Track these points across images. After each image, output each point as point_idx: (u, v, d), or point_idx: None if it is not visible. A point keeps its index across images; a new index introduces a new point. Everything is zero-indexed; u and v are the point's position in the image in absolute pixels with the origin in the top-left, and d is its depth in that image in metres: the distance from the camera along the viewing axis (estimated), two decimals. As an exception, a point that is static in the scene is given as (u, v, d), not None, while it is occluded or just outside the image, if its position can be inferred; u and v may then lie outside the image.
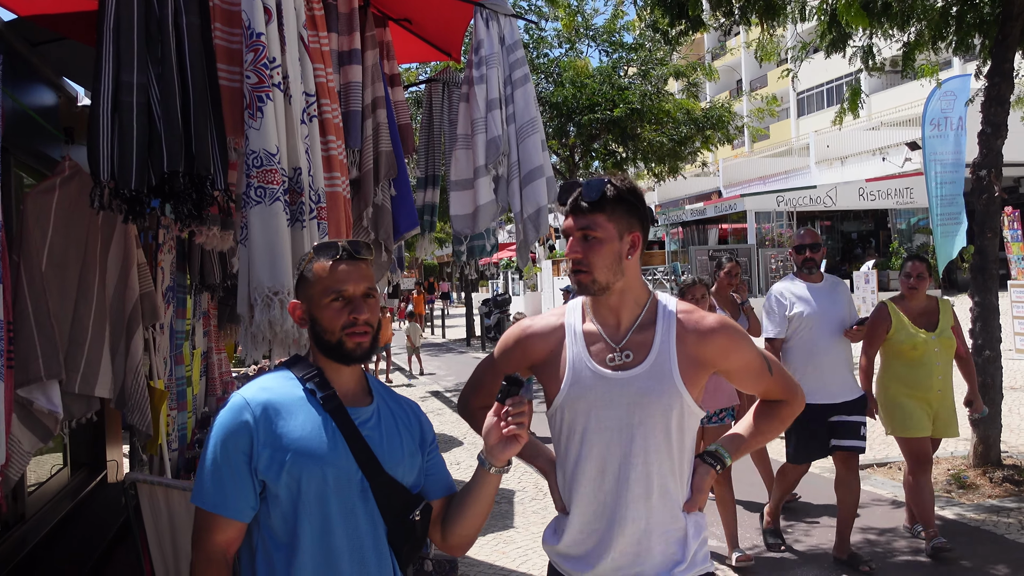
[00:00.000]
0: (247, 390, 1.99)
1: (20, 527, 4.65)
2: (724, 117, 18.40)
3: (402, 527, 2.02)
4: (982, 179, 7.35)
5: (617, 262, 2.14)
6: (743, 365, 2.23)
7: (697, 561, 2.18)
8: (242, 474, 1.90)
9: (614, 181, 2.15)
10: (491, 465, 2.02)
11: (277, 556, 1.92)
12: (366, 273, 2.05)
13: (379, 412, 2.08)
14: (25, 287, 3.15)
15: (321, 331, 2.01)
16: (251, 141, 2.71)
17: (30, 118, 4.50)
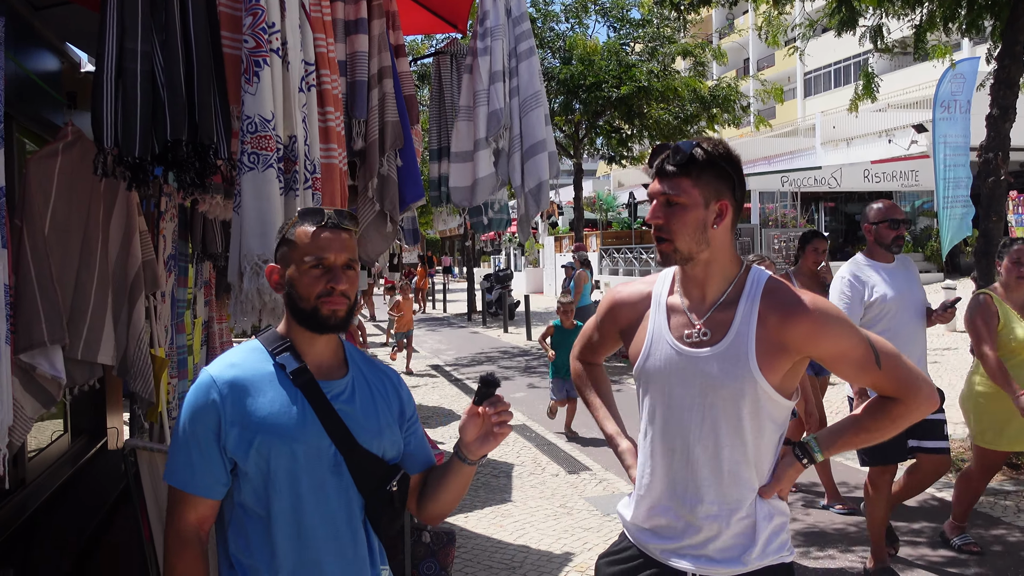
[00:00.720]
0: (214, 366, 1.96)
1: (20, 492, 4.67)
2: (730, 96, 18.29)
3: (379, 499, 2.01)
4: (989, 162, 7.32)
5: (701, 231, 2.02)
6: (838, 353, 2.03)
7: (770, 550, 2.08)
8: (211, 452, 1.89)
9: (704, 144, 2.02)
10: (467, 458, 2.02)
11: (252, 529, 1.92)
12: (348, 244, 2.00)
13: (354, 384, 2.04)
14: (28, 251, 3.14)
15: (297, 298, 1.97)
16: (246, 106, 2.69)
17: (33, 83, 4.47)
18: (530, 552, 5.51)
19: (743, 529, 2.07)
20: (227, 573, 1.96)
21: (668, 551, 2.13)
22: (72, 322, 3.41)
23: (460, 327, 22.55)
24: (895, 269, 4.88)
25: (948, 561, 5.08)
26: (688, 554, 2.10)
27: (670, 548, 2.12)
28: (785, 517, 2.14)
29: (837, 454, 2.17)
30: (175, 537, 1.91)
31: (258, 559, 1.91)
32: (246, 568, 1.92)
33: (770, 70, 36.72)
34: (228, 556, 1.95)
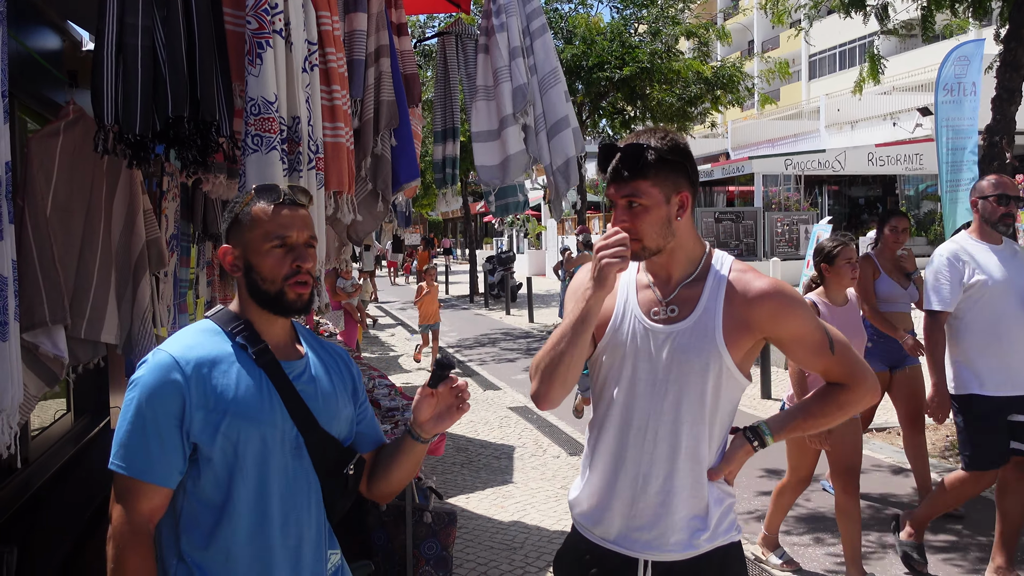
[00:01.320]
0: (172, 346, 1.85)
1: (23, 471, 4.69)
2: (735, 77, 18.19)
3: (335, 482, 1.97)
4: (994, 145, 7.28)
5: (667, 226, 2.06)
6: (796, 336, 2.09)
7: (720, 531, 2.11)
8: (171, 438, 1.77)
9: (653, 143, 2.04)
10: (419, 437, 1.99)
11: (205, 517, 1.82)
12: (308, 220, 1.93)
13: (310, 364, 1.98)
14: (30, 232, 3.14)
15: (259, 279, 1.88)
16: (250, 88, 2.68)
17: (34, 61, 4.45)
18: (531, 533, 5.53)
19: (695, 512, 2.08)
20: (176, 567, 1.84)
21: (621, 537, 2.12)
22: (75, 301, 3.41)
23: (462, 309, 22.56)
24: (1003, 251, 4.37)
25: (948, 546, 5.09)
26: (639, 539, 2.09)
27: (623, 533, 2.11)
28: (733, 499, 2.17)
29: (786, 438, 2.21)
30: (125, 533, 1.78)
31: (214, 551, 1.81)
32: (198, 561, 1.82)
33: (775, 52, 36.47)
34: (178, 551, 1.84)
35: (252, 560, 1.83)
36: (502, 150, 4.39)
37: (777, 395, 9.57)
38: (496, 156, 4.43)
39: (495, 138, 4.41)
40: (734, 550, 2.16)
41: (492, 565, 5.01)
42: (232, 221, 1.94)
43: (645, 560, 2.09)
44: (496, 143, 4.41)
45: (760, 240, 22.49)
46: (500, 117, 4.37)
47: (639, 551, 2.09)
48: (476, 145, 4.40)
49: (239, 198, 1.97)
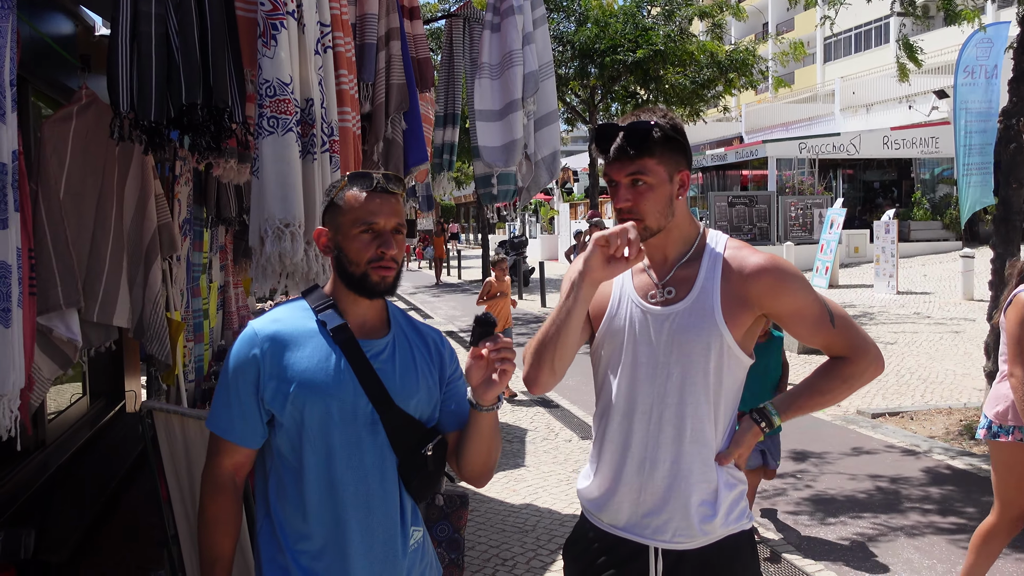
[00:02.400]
0: (259, 321, 2.00)
1: (40, 453, 4.74)
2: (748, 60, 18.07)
3: (414, 460, 2.01)
4: (1010, 128, 7.21)
5: (668, 205, 2.05)
6: (794, 310, 2.07)
7: (731, 518, 2.08)
8: (249, 403, 1.93)
9: (659, 121, 2.03)
10: (478, 405, 1.98)
11: (288, 479, 1.96)
12: (397, 208, 2.00)
13: (395, 343, 2.05)
14: (43, 215, 3.16)
15: (347, 262, 1.97)
16: (264, 70, 2.67)
17: (47, 46, 4.47)
18: (542, 516, 5.56)
19: (704, 496, 2.05)
20: (263, 522, 2.00)
21: (630, 524, 2.10)
22: (87, 285, 3.44)
23: (474, 294, 22.58)
24: None
25: (957, 528, 5.09)
26: (648, 525, 2.08)
27: (632, 520, 2.10)
28: (744, 485, 2.14)
29: (794, 417, 2.16)
30: (210, 482, 1.97)
31: (290, 509, 1.95)
32: (281, 518, 1.96)
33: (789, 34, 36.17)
34: (267, 504, 2.00)
35: (322, 522, 1.94)
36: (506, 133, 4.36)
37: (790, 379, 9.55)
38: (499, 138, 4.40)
39: (497, 119, 4.37)
40: (746, 538, 2.13)
41: (504, 547, 5.04)
42: (328, 205, 2.03)
43: (655, 547, 2.07)
44: (499, 124, 4.37)
45: (774, 224, 22.40)
46: (507, 100, 4.34)
47: (649, 538, 2.08)
48: (479, 124, 4.36)
49: (336, 183, 2.05)
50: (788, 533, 5.10)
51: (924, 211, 24.01)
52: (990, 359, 7.17)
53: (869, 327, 12.74)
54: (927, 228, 23.68)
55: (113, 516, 5.32)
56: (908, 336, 11.82)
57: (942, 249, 22.60)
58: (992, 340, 7.15)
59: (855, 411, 8.03)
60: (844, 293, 16.97)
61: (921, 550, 4.81)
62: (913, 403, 8.27)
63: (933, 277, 18.28)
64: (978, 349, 7.41)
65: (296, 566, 1.94)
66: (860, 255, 21.75)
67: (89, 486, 5.22)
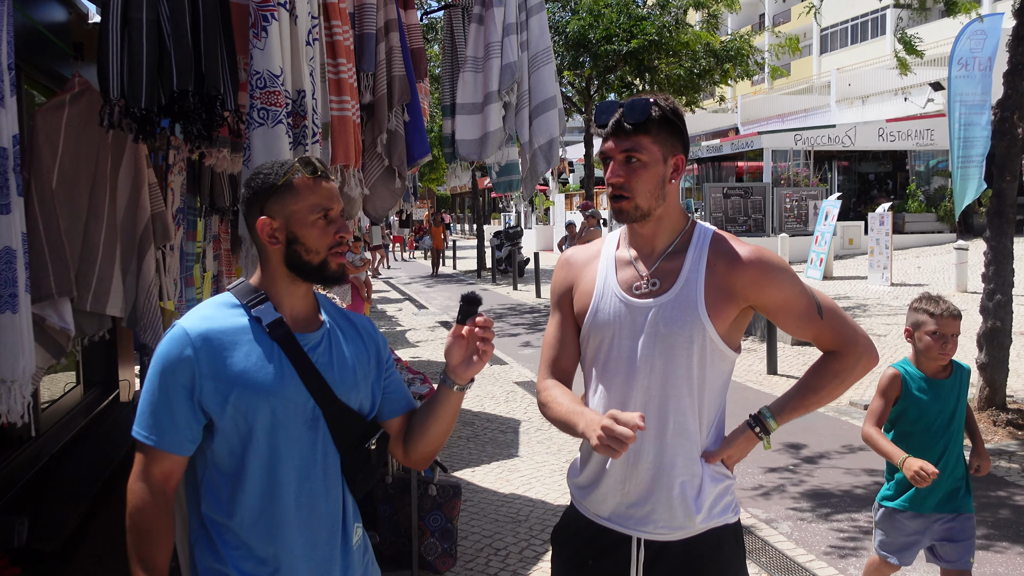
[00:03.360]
0: (187, 320, 1.89)
1: (34, 442, 4.74)
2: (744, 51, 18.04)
3: (357, 456, 1.97)
4: (1005, 121, 7.22)
5: (660, 187, 2.05)
6: (781, 302, 2.05)
7: (715, 512, 2.09)
8: (182, 408, 1.83)
9: (659, 101, 2.03)
10: (454, 384, 1.95)
11: (225, 485, 1.87)
12: (337, 193, 1.95)
13: (329, 336, 1.98)
14: (36, 204, 3.15)
15: (303, 251, 1.88)
16: (255, 61, 2.67)
17: (40, 34, 4.44)
18: (535, 506, 5.57)
19: (687, 490, 2.05)
20: (198, 533, 1.91)
21: (615, 515, 2.11)
22: (81, 274, 3.43)
23: (469, 284, 22.58)
24: None
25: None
26: (632, 516, 2.08)
27: (616, 511, 2.10)
28: (732, 480, 2.14)
29: (790, 420, 2.12)
30: (137, 491, 1.85)
31: (228, 515, 1.87)
32: (218, 526, 1.88)
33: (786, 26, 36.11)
34: (200, 515, 1.91)
35: (266, 527, 1.87)
36: (483, 125, 4.37)
37: (784, 371, 9.58)
38: (477, 130, 4.41)
39: (478, 111, 4.38)
40: (730, 532, 2.13)
41: (497, 537, 5.06)
42: (270, 191, 1.90)
43: (638, 538, 2.08)
44: (478, 117, 4.38)
45: (768, 216, 22.40)
46: (486, 92, 4.35)
47: (632, 528, 2.08)
48: (459, 117, 4.37)
49: (273, 169, 1.92)
50: (783, 526, 5.12)
51: (919, 203, 24.03)
52: (983, 351, 7.20)
53: (863, 319, 12.76)
54: (922, 220, 23.70)
55: (107, 505, 5.32)
56: (901, 328, 11.80)
57: (936, 241, 22.63)
58: (985, 332, 7.18)
59: (848, 403, 8.05)
60: (838, 285, 17.00)
61: (913, 541, 4.83)
62: (906, 395, 8.28)
63: (927, 269, 18.31)
64: (971, 341, 7.43)
65: (238, 573, 1.87)
66: (855, 247, 21.78)
67: (83, 475, 5.22)
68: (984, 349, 7.19)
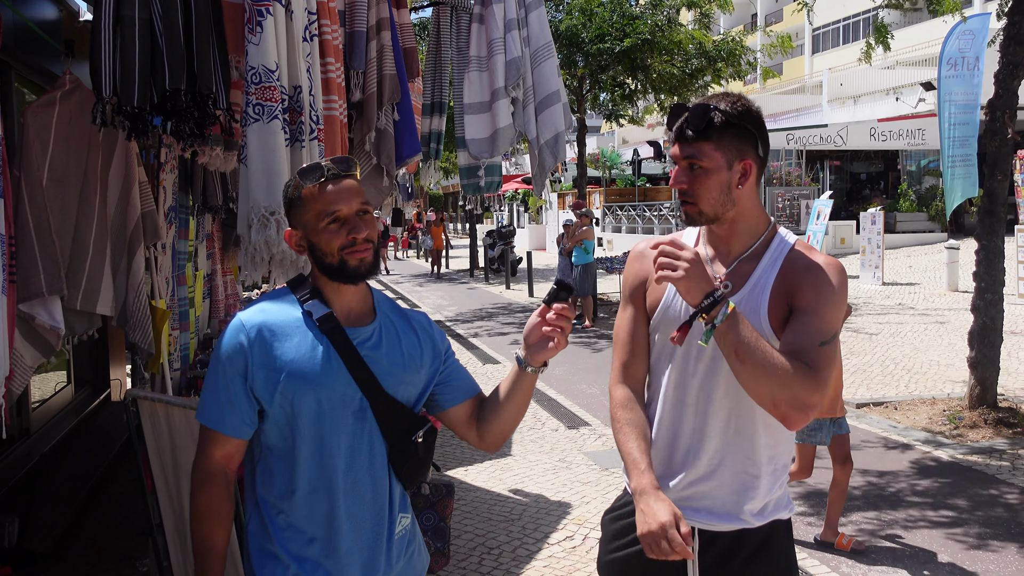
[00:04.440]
0: (245, 312, 2.00)
1: (24, 441, 4.72)
2: (736, 51, 18.05)
3: (404, 447, 2.02)
4: (996, 120, 7.24)
5: (726, 192, 2.01)
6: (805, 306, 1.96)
7: (769, 509, 2.10)
8: (238, 394, 1.93)
9: (722, 106, 1.99)
10: (528, 365, 2.00)
11: (277, 468, 1.96)
12: (356, 189, 2.00)
13: (381, 330, 2.05)
14: (26, 202, 3.13)
15: (321, 255, 1.98)
16: (250, 57, 2.66)
17: (31, 31, 4.43)
18: (528, 505, 5.57)
19: (746, 486, 2.07)
20: (252, 511, 2.01)
21: None
22: (71, 273, 3.41)
23: (462, 283, 22.57)
24: None
25: (950, 521, 5.13)
26: (688, 506, 2.09)
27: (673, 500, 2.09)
28: (786, 474, 2.15)
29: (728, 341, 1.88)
30: (201, 472, 1.97)
31: (279, 498, 1.96)
32: (270, 507, 1.97)
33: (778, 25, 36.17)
34: (255, 495, 2.00)
35: (312, 510, 1.95)
36: (492, 123, 4.37)
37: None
38: (487, 129, 4.41)
39: (487, 110, 4.38)
40: (782, 527, 2.15)
41: (490, 536, 5.05)
42: (287, 205, 2.04)
43: (692, 526, 2.08)
44: (487, 115, 4.38)
45: (761, 215, 22.41)
46: (492, 89, 4.34)
47: (688, 517, 2.08)
48: (468, 117, 4.37)
49: (289, 182, 2.05)
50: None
51: (910, 203, 24.11)
52: (974, 350, 7.23)
53: (854, 318, 12.79)
54: (913, 220, 23.79)
55: (98, 505, 5.30)
56: (893, 327, 11.88)
57: (928, 240, 22.71)
58: (976, 331, 7.20)
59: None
60: (830, 284, 17.01)
61: (906, 539, 4.85)
62: (897, 393, 8.32)
63: (918, 268, 18.38)
64: (962, 340, 7.46)
65: (286, 553, 1.95)
66: (846, 246, 21.84)
67: (74, 475, 5.20)
68: (975, 347, 7.22)
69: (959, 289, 14.91)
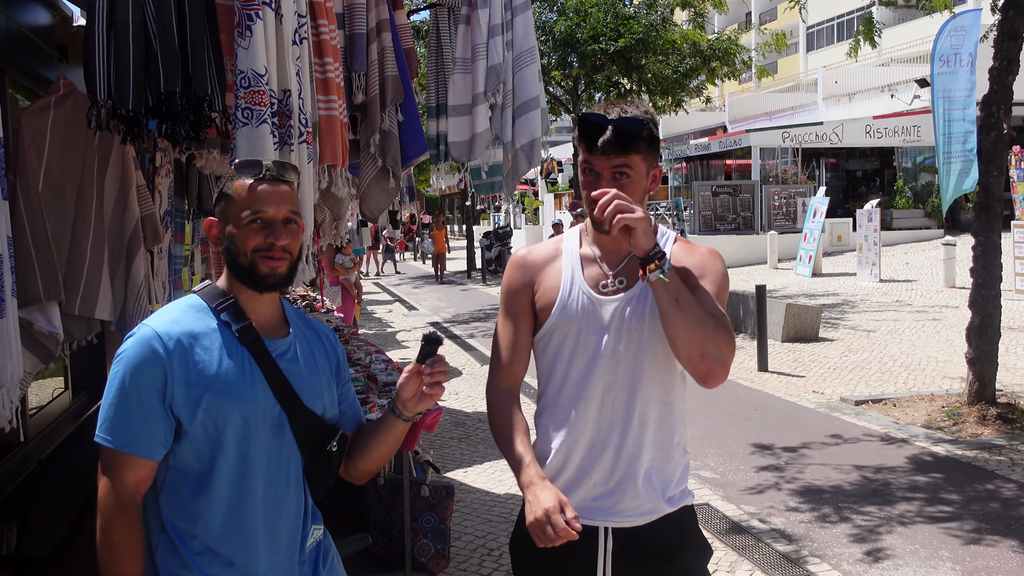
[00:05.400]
0: (155, 320, 1.87)
1: (22, 448, 4.70)
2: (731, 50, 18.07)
3: (319, 459, 1.99)
4: (991, 115, 7.25)
5: (643, 199, 2.10)
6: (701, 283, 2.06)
7: (677, 495, 2.16)
8: (154, 411, 1.81)
9: (644, 118, 2.05)
10: (402, 415, 1.98)
11: (188, 491, 1.86)
12: (289, 196, 1.93)
13: (296, 343, 2.00)
14: (22, 208, 3.12)
15: (235, 253, 1.90)
16: (240, 61, 2.65)
17: (24, 37, 4.42)
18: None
19: (652, 477, 2.11)
20: (159, 538, 1.88)
21: (580, 508, 2.11)
22: (68, 278, 3.40)
23: (459, 284, 22.57)
24: None
25: (949, 517, 5.14)
26: (598, 508, 2.12)
27: (581, 504, 2.12)
28: (687, 461, 2.22)
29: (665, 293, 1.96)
30: (111, 501, 1.81)
31: (191, 520, 1.86)
32: (181, 532, 1.86)
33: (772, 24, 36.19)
34: (161, 520, 1.88)
35: (231, 532, 1.87)
36: (471, 127, 4.38)
37: (774, 367, 9.60)
38: (466, 132, 4.42)
39: (467, 113, 4.39)
40: (690, 512, 2.21)
41: (490, 537, 5.05)
42: (218, 195, 1.96)
43: (605, 527, 2.12)
44: (467, 119, 4.39)
45: (757, 214, 22.46)
46: (473, 93, 4.35)
47: (599, 519, 2.12)
48: (451, 119, 4.38)
49: (226, 173, 1.99)
50: (775, 522, 5.13)
51: (906, 199, 24.14)
52: (972, 346, 7.23)
53: (852, 315, 12.81)
54: (909, 216, 23.82)
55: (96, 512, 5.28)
56: (890, 324, 11.89)
57: (924, 237, 22.73)
58: (974, 327, 7.21)
59: (839, 398, 8.08)
60: (827, 282, 17.06)
61: (905, 536, 4.85)
62: (896, 390, 8.32)
63: (915, 265, 18.40)
64: (960, 336, 7.47)
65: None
66: (843, 244, 21.86)
67: (72, 481, 5.18)
68: (973, 344, 7.22)
69: (956, 285, 14.93)
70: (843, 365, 9.61)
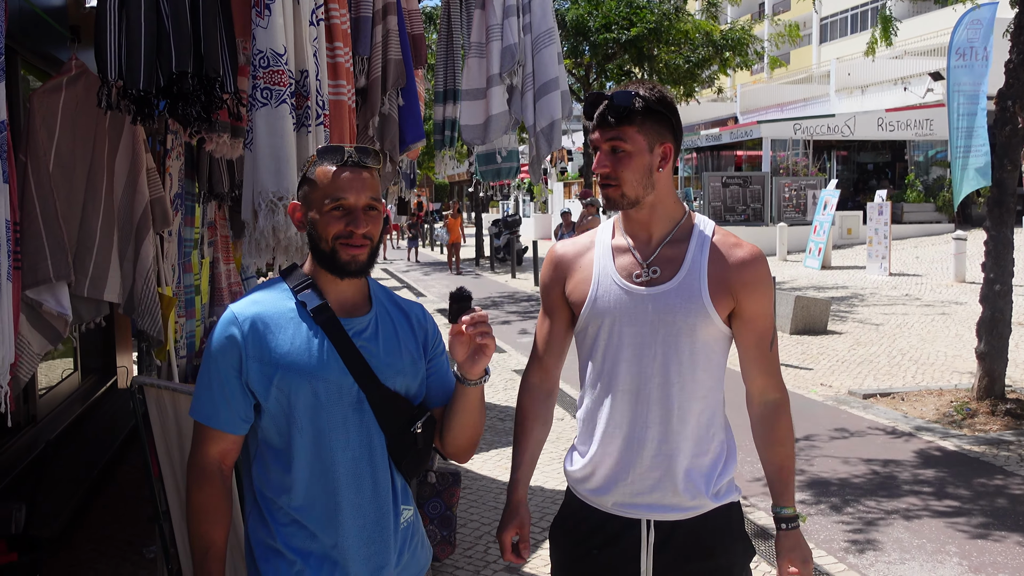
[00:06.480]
0: (238, 304, 1.96)
1: (31, 428, 4.72)
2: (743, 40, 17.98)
3: (403, 439, 1.99)
4: (1006, 110, 7.19)
5: (647, 175, 2.06)
6: (756, 313, 2.09)
7: (721, 492, 2.13)
8: (232, 388, 1.89)
9: (642, 92, 2.05)
10: (466, 379, 1.96)
11: (274, 464, 1.93)
12: (371, 183, 1.94)
13: (377, 321, 2.01)
14: (32, 188, 3.12)
15: (317, 239, 1.93)
16: (258, 40, 2.63)
17: (37, 17, 4.41)
18: (534, 494, 5.56)
19: (694, 472, 2.08)
20: (251, 507, 1.98)
21: (620, 503, 2.11)
22: (78, 259, 3.40)
23: (467, 272, 22.57)
24: None
25: (956, 511, 5.12)
26: (641, 503, 2.09)
27: (622, 499, 2.11)
28: (735, 461, 2.18)
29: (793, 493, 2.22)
30: (197, 470, 1.93)
31: (278, 492, 1.92)
32: (270, 502, 1.94)
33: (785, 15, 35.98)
34: (253, 490, 1.97)
35: (314, 505, 1.92)
36: (486, 110, 4.35)
37: (782, 360, 9.55)
38: (480, 115, 4.39)
39: (481, 97, 4.36)
40: (735, 509, 2.17)
41: (496, 524, 5.04)
42: (301, 181, 2.00)
43: (648, 520, 2.09)
44: (481, 102, 4.37)
45: (767, 205, 22.38)
46: (487, 76, 4.32)
47: (642, 512, 2.10)
48: (464, 103, 4.36)
49: (308, 159, 2.01)
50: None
51: (917, 193, 24.03)
52: (982, 341, 7.20)
53: (861, 309, 12.76)
54: (920, 210, 23.70)
55: (104, 492, 5.31)
56: (900, 318, 11.85)
57: (935, 231, 22.63)
58: (985, 322, 7.17)
59: (847, 392, 8.06)
60: (836, 274, 17.00)
61: (912, 530, 4.83)
62: (904, 384, 8.29)
63: (925, 259, 18.32)
64: (969, 331, 7.43)
65: (290, 549, 1.92)
66: (853, 236, 21.78)
67: (80, 461, 5.21)
68: (984, 339, 7.19)
69: (966, 280, 14.86)
70: (851, 358, 9.57)
